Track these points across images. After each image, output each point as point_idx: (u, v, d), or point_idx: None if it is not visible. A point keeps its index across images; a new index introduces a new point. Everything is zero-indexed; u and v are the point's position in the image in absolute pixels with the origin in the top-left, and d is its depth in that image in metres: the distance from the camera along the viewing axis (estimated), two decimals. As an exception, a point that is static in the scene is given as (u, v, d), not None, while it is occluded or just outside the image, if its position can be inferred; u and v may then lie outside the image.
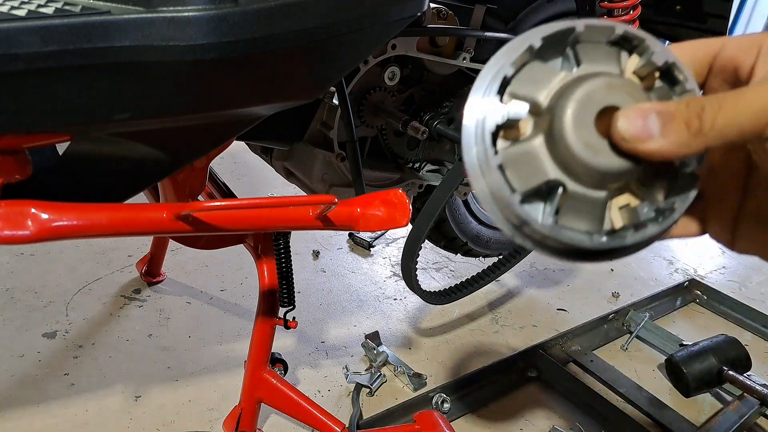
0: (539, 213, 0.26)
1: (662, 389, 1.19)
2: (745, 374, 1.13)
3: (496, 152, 0.26)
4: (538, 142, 0.26)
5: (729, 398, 1.17)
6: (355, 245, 1.66)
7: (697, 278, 1.64)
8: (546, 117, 0.26)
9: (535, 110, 0.27)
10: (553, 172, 0.26)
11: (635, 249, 0.28)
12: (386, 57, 0.91)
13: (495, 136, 0.27)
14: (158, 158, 0.63)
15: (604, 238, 0.26)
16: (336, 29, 0.60)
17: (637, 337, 1.35)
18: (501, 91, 0.27)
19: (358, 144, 0.90)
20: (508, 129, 0.27)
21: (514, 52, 0.27)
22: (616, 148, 0.25)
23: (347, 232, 1.69)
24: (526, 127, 0.27)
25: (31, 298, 1.26)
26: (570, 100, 0.25)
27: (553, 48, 0.27)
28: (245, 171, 2.08)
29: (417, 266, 1.06)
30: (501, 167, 0.26)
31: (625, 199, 0.27)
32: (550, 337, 1.28)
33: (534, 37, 0.27)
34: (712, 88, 0.32)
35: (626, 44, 0.28)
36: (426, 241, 1.19)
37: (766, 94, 0.25)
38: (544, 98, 0.27)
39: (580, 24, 0.27)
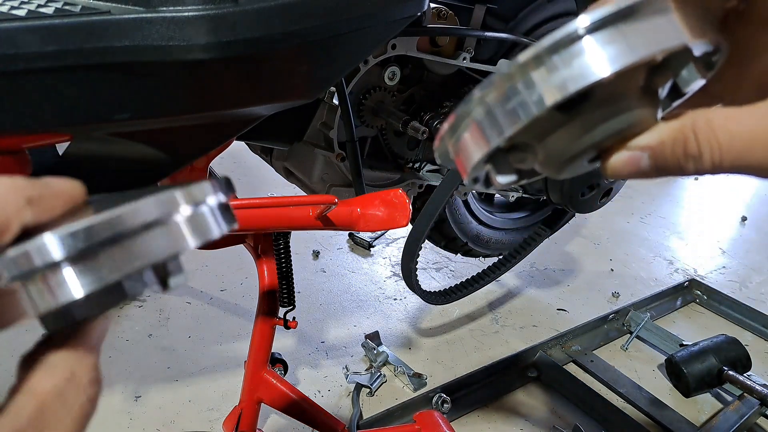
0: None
1: (662, 389, 1.19)
2: (745, 374, 1.13)
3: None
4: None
5: (729, 398, 1.17)
6: (355, 245, 1.66)
7: (698, 278, 1.64)
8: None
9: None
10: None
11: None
12: (386, 57, 0.91)
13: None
14: (158, 158, 0.63)
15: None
16: (336, 29, 0.60)
17: (638, 337, 1.35)
18: None
19: (358, 144, 0.90)
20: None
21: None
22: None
23: (347, 232, 1.69)
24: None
25: (31, 298, 1.26)
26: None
27: None
28: (245, 171, 2.08)
29: (417, 266, 1.06)
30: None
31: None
32: (550, 337, 1.28)
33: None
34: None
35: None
36: (426, 241, 1.19)
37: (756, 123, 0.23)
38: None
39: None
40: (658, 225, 2.06)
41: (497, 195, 1.34)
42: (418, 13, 0.68)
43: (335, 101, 0.89)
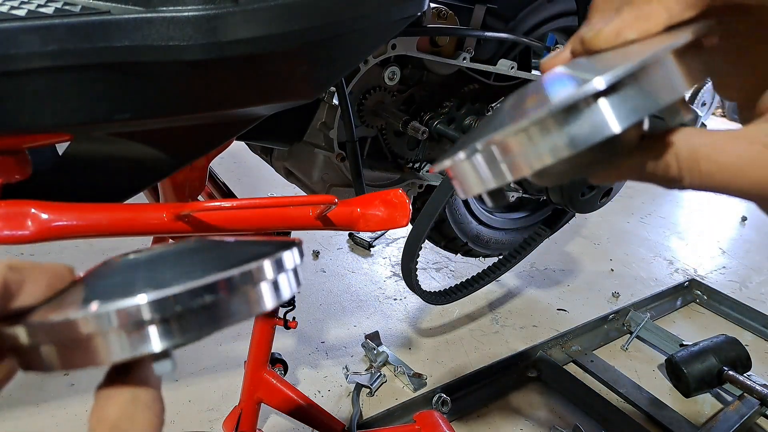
0: None
1: (662, 389, 1.19)
2: (745, 374, 1.13)
3: None
4: None
5: (729, 398, 1.17)
6: (355, 245, 1.66)
7: (698, 278, 1.64)
8: None
9: None
10: None
11: None
12: (386, 57, 0.91)
13: None
14: (158, 158, 0.63)
15: None
16: (336, 29, 0.59)
17: (638, 337, 1.35)
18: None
19: (358, 144, 0.90)
20: None
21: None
22: None
23: (347, 232, 1.69)
24: None
25: (31, 298, 1.26)
26: None
27: None
28: (245, 171, 2.08)
29: (417, 266, 1.06)
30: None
31: None
32: (550, 337, 1.28)
33: None
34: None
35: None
36: (426, 241, 1.19)
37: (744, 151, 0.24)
38: None
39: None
40: (658, 225, 2.06)
41: (497, 195, 1.34)
42: (418, 13, 0.68)
43: (335, 101, 0.89)
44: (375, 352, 1.17)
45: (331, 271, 1.52)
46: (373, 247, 1.65)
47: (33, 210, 0.53)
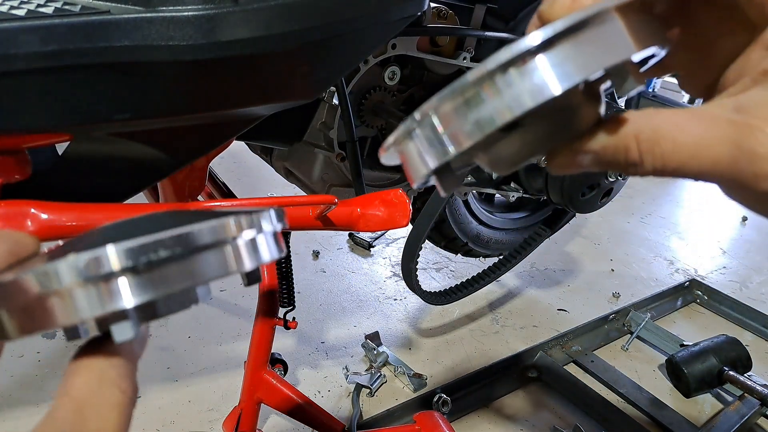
0: None
1: (663, 389, 1.19)
2: (745, 374, 1.13)
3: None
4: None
5: (730, 398, 1.17)
6: (355, 245, 1.66)
7: (698, 278, 1.64)
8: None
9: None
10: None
11: None
12: (386, 57, 0.91)
13: None
14: (158, 158, 0.63)
15: None
16: (336, 29, 0.59)
17: (638, 337, 1.35)
18: None
19: (358, 144, 0.90)
20: None
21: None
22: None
23: (347, 232, 1.69)
24: None
25: (31, 298, 1.26)
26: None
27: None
28: (245, 171, 2.08)
29: (417, 266, 1.06)
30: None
31: None
32: (550, 337, 1.28)
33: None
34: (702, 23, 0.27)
35: None
36: (426, 241, 1.19)
37: (709, 130, 0.22)
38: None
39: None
40: (658, 225, 2.06)
41: (497, 195, 1.34)
42: (418, 13, 0.68)
43: (335, 101, 0.89)
44: (375, 352, 1.17)
45: (331, 271, 1.52)
46: (373, 247, 1.65)
47: (33, 210, 0.53)
